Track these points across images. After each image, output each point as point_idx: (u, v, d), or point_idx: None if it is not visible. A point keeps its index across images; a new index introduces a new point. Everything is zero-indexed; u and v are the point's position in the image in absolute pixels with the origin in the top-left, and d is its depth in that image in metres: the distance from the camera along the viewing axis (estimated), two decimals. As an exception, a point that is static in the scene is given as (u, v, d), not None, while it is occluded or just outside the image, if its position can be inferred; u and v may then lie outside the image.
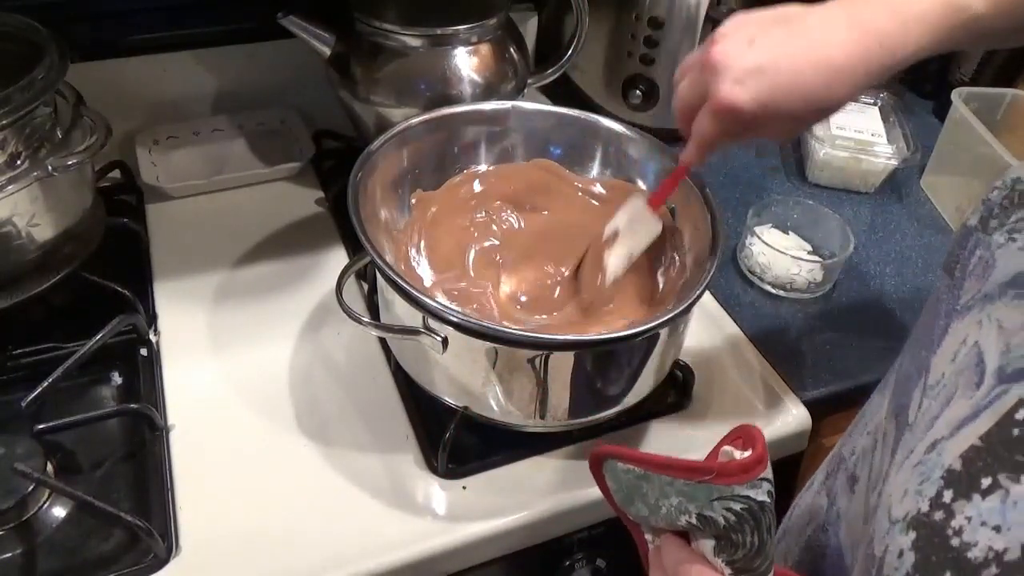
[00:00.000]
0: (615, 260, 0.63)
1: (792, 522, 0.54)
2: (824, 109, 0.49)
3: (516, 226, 0.71)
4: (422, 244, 0.68)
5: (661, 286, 0.67)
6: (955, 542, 0.31)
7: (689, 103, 0.53)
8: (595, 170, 0.74)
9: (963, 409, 0.35)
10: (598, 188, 0.73)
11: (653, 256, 0.68)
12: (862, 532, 0.43)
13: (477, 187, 0.72)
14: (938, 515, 0.33)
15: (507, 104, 0.72)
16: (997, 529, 0.30)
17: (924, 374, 0.40)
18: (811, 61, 0.48)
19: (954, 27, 0.47)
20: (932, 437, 0.36)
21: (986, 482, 0.31)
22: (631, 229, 0.64)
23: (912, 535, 0.34)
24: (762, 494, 0.37)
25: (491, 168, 0.73)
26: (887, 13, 0.47)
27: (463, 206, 0.71)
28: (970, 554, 0.31)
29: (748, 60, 0.49)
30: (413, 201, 0.69)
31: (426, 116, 0.68)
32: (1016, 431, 0.31)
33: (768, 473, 0.37)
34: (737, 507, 0.37)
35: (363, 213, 0.58)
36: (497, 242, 0.70)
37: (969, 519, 0.31)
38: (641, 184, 0.71)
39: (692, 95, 0.53)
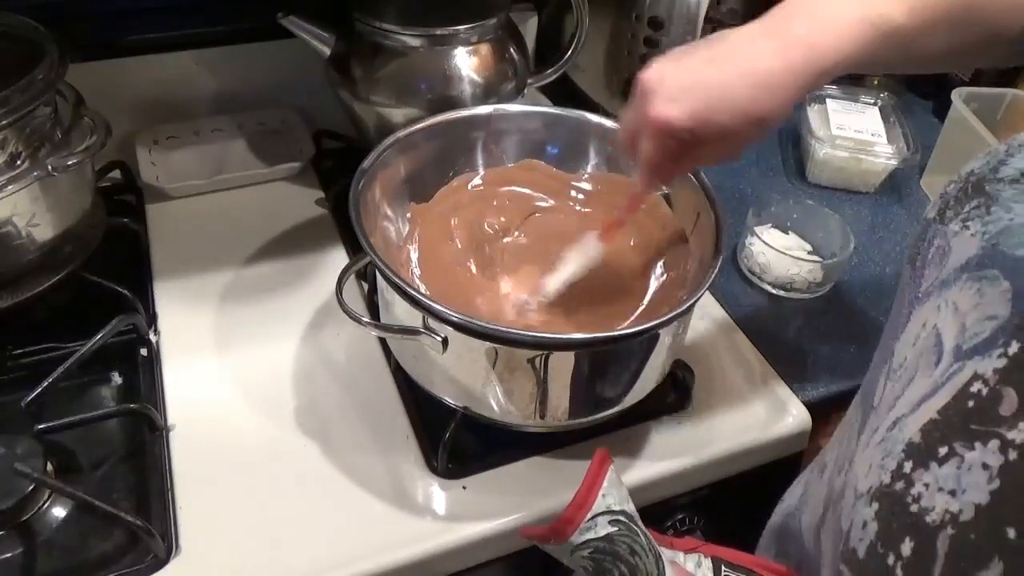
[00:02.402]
0: (552, 281, 0.64)
1: (775, 519, 0.55)
2: (758, 121, 0.50)
3: (509, 228, 0.71)
4: (419, 256, 0.68)
5: (662, 287, 0.67)
6: (914, 508, 0.34)
7: (630, 131, 0.55)
8: (590, 167, 0.74)
9: (923, 387, 0.37)
10: (587, 184, 0.74)
11: (655, 257, 0.69)
12: (822, 515, 0.45)
13: (469, 193, 0.72)
14: (899, 485, 0.35)
15: (488, 108, 0.72)
16: (952, 493, 0.32)
17: (888, 359, 0.42)
18: (739, 73, 0.49)
19: (875, 38, 0.48)
20: (894, 415, 0.38)
21: (943, 451, 0.33)
22: (576, 256, 0.64)
23: (875, 506, 0.36)
24: (602, 528, 0.39)
25: (481, 173, 0.73)
26: (807, 23, 0.49)
27: (457, 213, 0.71)
28: (928, 518, 0.33)
29: (678, 79, 0.50)
30: (408, 215, 0.69)
31: (411, 129, 0.68)
32: (971, 403, 0.33)
33: (600, 506, 0.40)
34: (586, 552, 0.40)
35: (366, 226, 0.58)
36: (492, 245, 0.70)
37: (927, 485, 0.34)
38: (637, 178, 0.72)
39: (631, 122, 0.54)
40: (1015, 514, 0.30)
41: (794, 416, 0.69)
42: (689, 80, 0.50)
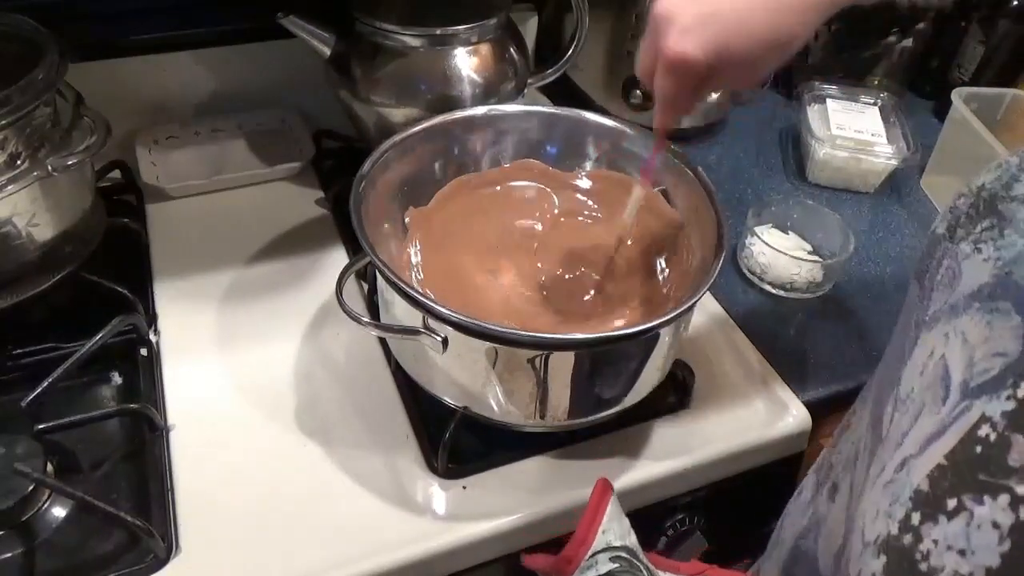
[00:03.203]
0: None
1: (783, 531, 0.54)
2: (779, 46, 0.48)
3: (509, 229, 0.71)
4: (419, 257, 0.68)
5: (664, 287, 0.67)
6: (923, 567, 0.32)
7: (647, 66, 0.53)
8: (589, 166, 0.74)
9: (930, 425, 0.35)
10: (584, 182, 0.74)
11: (657, 257, 0.69)
12: (842, 545, 0.43)
13: (469, 194, 0.72)
14: (907, 539, 0.33)
15: (485, 109, 0.72)
16: (962, 553, 0.30)
17: (896, 386, 0.40)
18: (756, 1, 0.47)
19: None
20: (902, 455, 0.36)
21: (951, 503, 0.31)
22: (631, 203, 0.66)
23: (883, 559, 0.34)
24: (604, 566, 0.39)
25: (479, 173, 0.73)
26: None
27: (456, 215, 0.71)
28: None
29: (693, 8, 0.48)
30: (408, 218, 0.69)
31: (409, 132, 0.68)
32: (979, 448, 0.31)
33: (600, 543, 0.40)
34: None
35: (368, 230, 0.58)
36: (492, 245, 0.70)
37: (936, 542, 0.31)
38: (639, 178, 0.72)
39: (648, 56, 0.52)
40: None
41: (794, 416, 0.69)
42: (704, 8, 0.48)
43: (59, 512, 0.58)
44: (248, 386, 0.68)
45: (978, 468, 0.31)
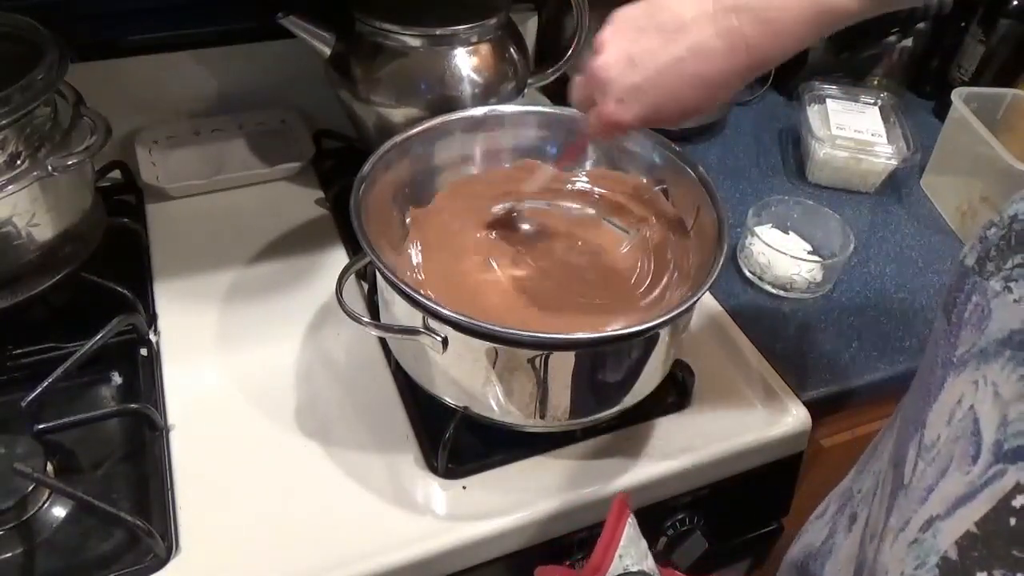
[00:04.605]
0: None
1: (796, 550, 0.54)
2: (697, 114, 0.53)
3: (509, 229, 0.71)
4: (419, 258, 0.68)
5: (663, 285, 0.67)
6: None
7: (581, 102, 0.58)
8: (589, 165, 0.74)
9: (959, 486, 0.33)
10: (585, 183, 0.74)
11: (658, 257, 0.69)
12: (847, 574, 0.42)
13: (468, 194, 0.72)
14: None
15: (485, 109, 0.72)
16: None
17: (921, 429, 0.39)
18: (686, 77, 0.51)
19: (823, 27, 0.48)
20: (928, 512, 0.35)
21: None
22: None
23: None
24: None
25: (479, 174, 0.73)
26: (755, 23, 0.48)
27: (456, 215, 0.71)
28: None
29: (627, 79, 0.52)
30: (408, 219, 0.69)
31: (408, 132, 0.68)
32: (1013, 520, 0.30)
33: (617, 568, 0.41)
34: None
35: (368, 230, 0.58)
36: (492, 246, 0.70)
37: None
38: (639, 176, 0.72)
39: (582, 97, 0.57)
40: None
41: (794, 416, 0.69)
42: (637, 80, 0.52)
43: (59, 512, 0.58)
44: (248, 386, 0.68)
45: (1013, 542, 0.30)
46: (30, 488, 0.56)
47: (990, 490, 0.32)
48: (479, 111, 0.72)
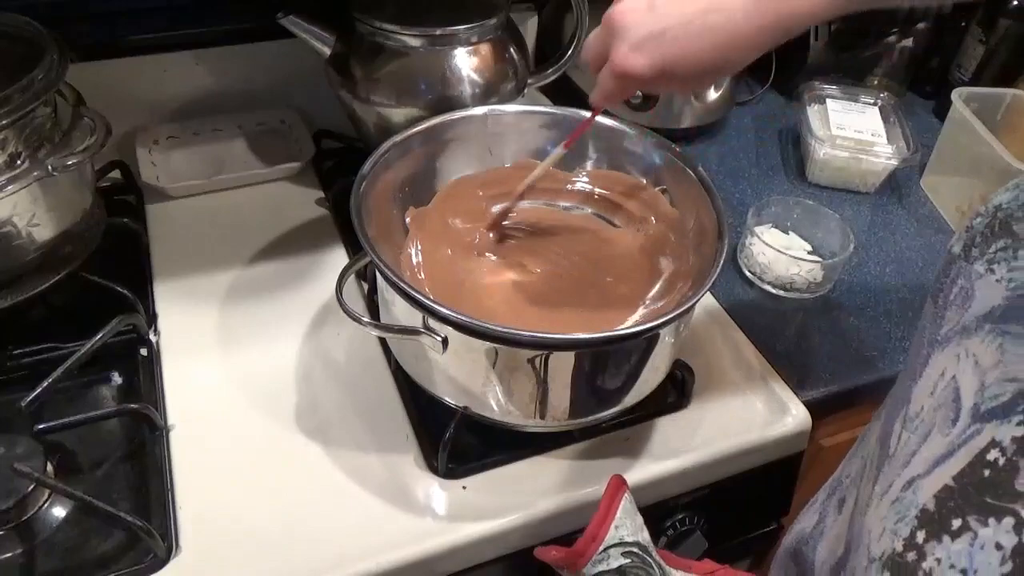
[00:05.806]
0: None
1: (789, 538, 0.54)
2: (717, 74, 0.50)
3: (509, 229, 0.71)
4: (419, 257, 0.68)
5: (663, 285, 0.67)
6: None
7: (595, 55, 0.55)
8: (589, 165, 0.74)
9: (939, 447, 0.35)
10: (586, 182, 0.74)
11: (659, 257, 0.69)
12: (842, 556, 0.43)
13: (468, 194, 0.72)
14: (911, 556, 0.33)
15: (485, 109, 0.72)
16: (964, 572, 0.31)
17: (906, 404, 0.40)
18: (708, 27, 0.48)
19: None
20: (909, 474, 0.36)
21: (956, 523, 0.32)
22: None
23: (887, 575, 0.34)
24: (615, 560, 0.39)
25: (479, 173, 0.73)
26: None
27: (457, 215, 0.71)
28: None
29: (646, 25, 0.49)
30: (408, 220, 0.69)
31: (408, 132, 0.68)
32: (987, 472, 0.31)
33: (613, 538, 0.40)
34: None
35: (368, 230, 0.58)
36: (493, 246, 0.70)
37: (939, 561, 0.32)
38: (639, 176, 0.72)
39: (597, 50, 0.54)
40: None
41: (794, 416, 0.69)
42: (656, 27, 0.49)
43: (59, 512, 0.58)
44: (248, 385, 0.68)
45: (985, 490, 0.31)
46: (30, 488, 0.56)
47: (967, 447, 0.33)
48: (479, 111, 0.72)
